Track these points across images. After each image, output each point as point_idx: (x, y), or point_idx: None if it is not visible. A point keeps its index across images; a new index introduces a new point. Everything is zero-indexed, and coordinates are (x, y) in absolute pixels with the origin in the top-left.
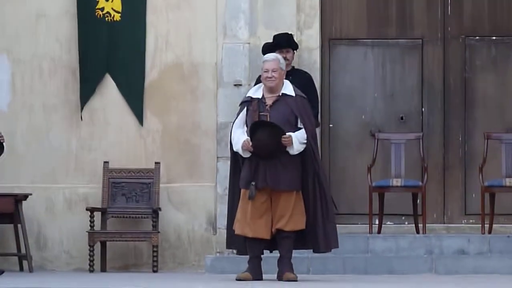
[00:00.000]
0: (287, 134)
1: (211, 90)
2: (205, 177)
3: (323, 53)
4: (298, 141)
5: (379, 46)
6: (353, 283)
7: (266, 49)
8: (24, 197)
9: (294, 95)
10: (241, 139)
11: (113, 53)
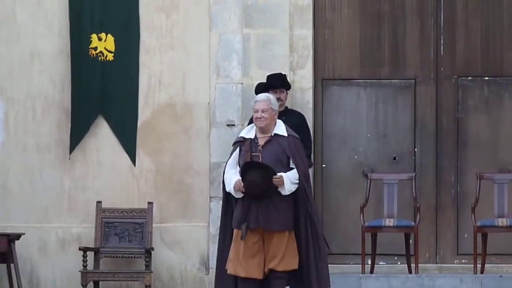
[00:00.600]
0: (278, 174)
1: (204, 130)
2: (198, 217)
3: (316, 93)
4: (289, 181)
5: (372, 86)
6: None
7: (259, 89)
8: (17, 237)
9: (286, 135)
10: (233, 180)
11: (106, 93)
